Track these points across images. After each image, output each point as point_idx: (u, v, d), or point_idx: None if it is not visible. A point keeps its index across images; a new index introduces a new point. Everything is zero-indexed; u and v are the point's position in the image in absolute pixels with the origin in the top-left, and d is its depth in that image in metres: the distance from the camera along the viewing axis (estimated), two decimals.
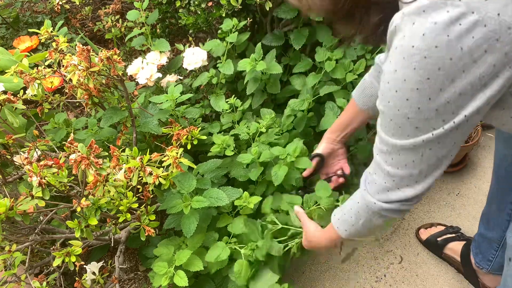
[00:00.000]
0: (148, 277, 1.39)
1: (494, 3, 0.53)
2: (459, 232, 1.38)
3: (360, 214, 0.85)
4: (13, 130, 1.11)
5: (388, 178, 0.75)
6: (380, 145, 0.73)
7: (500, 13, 0.53)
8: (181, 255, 1.11)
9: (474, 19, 0.54)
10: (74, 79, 1.02)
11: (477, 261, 1.21)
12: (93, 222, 0.90)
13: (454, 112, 0.61)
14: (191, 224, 1.12)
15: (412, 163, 0.69)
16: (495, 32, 0.54)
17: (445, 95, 0.59)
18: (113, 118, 1.20)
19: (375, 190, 0.79)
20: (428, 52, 0.57)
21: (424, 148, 0.66)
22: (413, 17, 0.58)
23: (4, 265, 0.97)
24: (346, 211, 0.91)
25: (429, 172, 0.71)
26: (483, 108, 0.61)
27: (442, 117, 0.62)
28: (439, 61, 0.57)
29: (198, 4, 1.55)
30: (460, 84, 0.58)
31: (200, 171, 1.27)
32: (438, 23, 0.55)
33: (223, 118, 1.48)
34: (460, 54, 0.56)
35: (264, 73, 1.47)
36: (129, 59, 2.03)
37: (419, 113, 0.62)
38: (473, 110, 0.61)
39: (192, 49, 1.48)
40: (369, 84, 1.10)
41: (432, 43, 0.56)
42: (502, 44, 0.54)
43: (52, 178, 0.84)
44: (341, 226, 0.92)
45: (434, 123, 0.63)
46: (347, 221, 0.90)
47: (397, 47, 0.61)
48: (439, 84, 0.59)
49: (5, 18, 2.01)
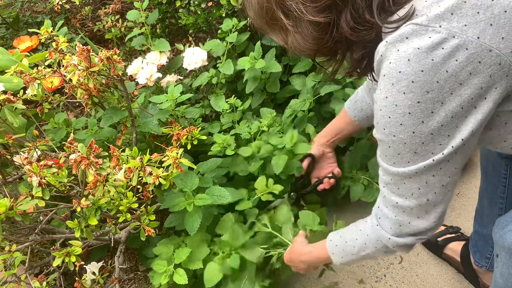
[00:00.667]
0: (148, 277, 1.39)
1: (473, 28, 0.56)
2: (459, 232, 1.38)
3: (367, 246, 0.84)
4: (13, 130, 1.11)
5: (398, 211, 0.74)
6: (384, 176, 0.74)
7: (480, 37, 0.56)
8: (181, 253, 1.11)
9: (455, 43, 0.56)
10: (74, 79, 1.02)
11: (476, 260, 1.21)
12: (93, 222, 0.90)
13: (450, 135, 0.63)
14: (194, 221, 1.12)
15: (418, 191, 0.69)
16: (477, 54, 0.56)
17: (437, 118, 0.61)
18: (113, 118, 1.20)
19: (388, 225, 0.78)
20: (415, 76, 0.59)
21: (427, 175, 0.67)
22: (396, 45, 0.60)
23: (4, 265, 0.97)
24: (349, 240, 0.89)
25: (437, 201, 0.71)
26: (477, 131, 0.63)
27: (438, 141, 0.63)
28: (426, 84, 0.59)
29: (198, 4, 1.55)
30: (450, 106, 0.60)
31: (201, 170, 1.27)
32: (421, 48, 0.58)
33: (223, 118, 1.48)
34: (446, 77, 0.58)
35: (263, 72, 1.47)
36: (129, 59, 2.03)
37: (415, 137, 0.64)
38: (468, 133, 0.62)
39: (192, 49, 1.48)
40: (361, 98, 1.13)
41: (418, 68, 0.58)
42: (485, 66, 0.57)
43: (52, 178, 0.84)
44: (337, 253, 0.91)
45: (432, 147, 0.64)
46: (346, 250, 0.89)
47: (385, 74, 0.62)
48: (430, 107, 0.60)
49: (5, 18, 2.01)
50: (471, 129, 0.62)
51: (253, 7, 0.74)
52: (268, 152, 1.28)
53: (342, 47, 0.73)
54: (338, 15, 0.67)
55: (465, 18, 0.56)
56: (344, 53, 0.75)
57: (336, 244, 0.92)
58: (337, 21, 0.67)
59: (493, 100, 0.60)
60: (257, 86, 1.49)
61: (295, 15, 0.69)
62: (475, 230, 1.20)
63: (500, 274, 0.83)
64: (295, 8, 0.67)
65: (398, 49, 0.60)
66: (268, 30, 0.77)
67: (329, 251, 0.93)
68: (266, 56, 1.47)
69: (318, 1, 0.66)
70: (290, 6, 0.68)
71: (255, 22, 0.77)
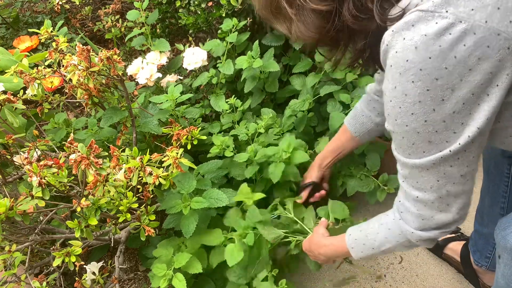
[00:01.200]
0: (148, 277, 1.39)
1: (480, 12, 0.55)
2: (459, 232, 1.38)
3: (388, 240, 0.83)
4: (13, 130, 1.11)
5: (419, 205, 0.74)
6: (402, 170, 0.73)
7: (488, 21, 0.55)
8: (180, 258, 1.11)
9: (463, 28, 0.55)
10: (74, 79, 1.02)
11: (476, 259, 1.21)
12: (93, 222, 0.90)
13: (463, 123, 0.62)
14: (190, 224, 1.12)
15: (437, 183, 0.69)
16: (485, 39, 0.55)
17: (448, 105, 0.60)
18: (113, 118, 1.20)
19: (410, 219, 0.77)
20: (423, 64, 0.58)
21: (444, 166, 0.66)
22: (402, 33, 0.59)
23: (4, 265, 0.97)
24: (369, 234, 0.88)
25: (457, 192, 0.70)
26: (491, 118, 0.62)
27: (452, 129, 0.62)
28: (435, 71, 0.58)
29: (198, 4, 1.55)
30: (460, 93, 0.59)
31: (201, 171, 1.27)
32: (428, 35, 0.57)
33: (223, 118, 1.48)
34: (455, 62, 0.57)
35: (262, 71, 1.47)
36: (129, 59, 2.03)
37: (427, 125, 0.63)
38: (483, 122, 0.61)
39: (192, 49, 1.48)
40: (360, 112, 1.12)
41: (426, 55, 0.58)
42: (493, 50, 0.56)
43: (52, 178, 0.84)
44: (357, 247, 0.90)
45: (446, 135, 0.63)
46: (367, 244, 0.88)
47: (392, 64, 0.62)
48: (440, 94, 0.59)
49: (5, 18, 2.01)
50: (486, 117, 0.61)
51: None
52: (265, 157, 1.26)
53: (344, 36, 0.73)
54: (341, 3, 0.66)
55: (472, 2, 0.55)
56: (346, 42, 0.75)
57: (356, 239, 0.91)
58: (339, 9, 0.67)
59: (505, 87, 0.59)
60: (256, 85, 1.48)
61: (298, 4, 0.69)
62: (475, 230, 1.20)
63: (502, 275, 0.83)
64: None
65: (404, 37, 0.59)
66: (272, 19, 0.77)
67: (348, 246, 0.92)
68: (265, 56, 1.47)
69: None
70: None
71: (260, 12, 0.78)
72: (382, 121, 1.08)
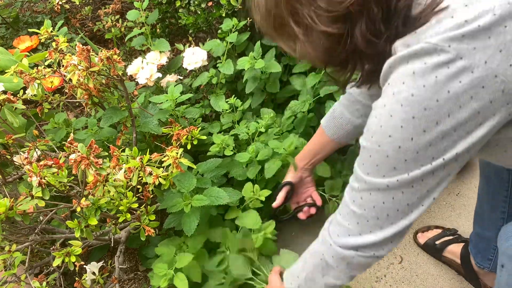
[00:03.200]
0: (148, 277, 1.39)
1: (481, 53, 0.55)
2: (457, 234, 1.38)
3: (308, 262, 0.82)
4: (13, 130, 1.11)
5: (353, 220, 0.72)
6: (353, 182, 0.72)
7: (487, 61, 0.55)
8: (182, 259, 1.11)
9: (462, 65, 0.56)
10: (74, 79, 1.02)
11: (478, 261, 1.21)
12: (93, 222, 0.90)
13: (434, 157, 0.61)
14: (191, 222, 1.12)
15: (382, 205, 0.67)
16: (482, 79, 0.55)
17: (427, 137, 0.60)
18: (113, 118, 1.20)
19: (336, 231, 0.76)
20: (416, 90, 0.58)
21: (396, 191, 0.65)
22: (406, 59, 0.60)
23: (4, 265, 0.97)
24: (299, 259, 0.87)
25: (396, 219, 0.68)
26: (462, 156, 0.61)
27: (420, 161, 0.62)
28: (425, 101, 0.58)
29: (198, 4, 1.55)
30: (444, 127, 0.59)
31: (200, 170, 1.27)
32: (428, 64, 0.57)
33: (223, 118, 1.48)
34: (447, 97, 0.57)
35: (263, 72, 1.47)
36: (129, 59, 2.03)
37: (399, 152, 0.62)
38: (452, 157, 0.61)
39: (192, 49, 1.48)
40: (339, 114, 1.09)
41: (421, 82, 0.58)
42: (487, 91, 0.56)
43: (52, 178, 0.84)
44: (288, 277, 0.89)
45: (413, 166, 0.62)
46: (294, 271, 0.87)
47: (389, 83, 0.62)
48: (424, 125, 0.59)
49: (5, 18, 2.01)
50: (456, 152, 0.60)
51: (260, 11, 0.71)
52: (266, 156, 1.27)
53: (354, 58, 0.71)
54: (353, 26, 0.64)
55: (475, 42, 0.55)
56: (355, 64, 0.73)
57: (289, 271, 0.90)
58: (351, 32, 0.65)
59: (488, 126, 0.59)
60: (257, 86, 1.49)
61: (306, 24, 0.66)
62: (476, 232, 1.19)
63: (507, 284, 0.82)
64: (307, 17, 0.65)
65: (407, 61, 0.60)
66: (275, 36, 0.74)
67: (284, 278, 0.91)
68: (266, 56, 1.47)
69: (332, 10, 0.63)
70: (302, 14, 0.65)
71: (261, 27, 0.74)
72: (363, 123, 1.04)
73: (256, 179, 1.33)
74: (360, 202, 0.70)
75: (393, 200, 0.66)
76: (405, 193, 0.65)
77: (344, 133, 1.10)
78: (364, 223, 0.70)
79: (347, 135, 1.10)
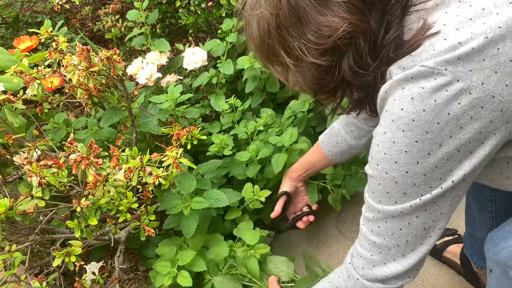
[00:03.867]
0: (148, 277, 1.39)
1: (477, 74, 0.56)
2: (457, 234, 1.38)
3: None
4: (13, 130, 1.11)
5: (375, 250, 0.72)
6: (367, 213, 0.72)
7: (484, 83, 0.56)
8: (185, 256, 1.11)
9: (459, 87, 0.57)
10: (74, 79, 1.02)
11: (475, 262, 1.21)
12: (93, 222, 0.90)
13: (442, 178, 0.62)
14: (190, 225, 1.12)
15: (399, 231, 0.68)
16: (480, 100, 0.57)
17: (432, 159, 0.61)
18: (113, 118, 1.20)
19: (360, 265, 0.75)
20: (416, 115, 0.59)
21: (411, 216, 0.66)
22: (402, 83, 0.60)
23: (4, 265, 0.97)
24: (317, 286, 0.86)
25: (416, 245, 0.69)
26: (469, 176, 0.62)
27: (429, 183, 0.63)
28: (426, 125, 0.59)
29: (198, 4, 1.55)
30: (448, 149, 0.60)
31: (201, 171, 1.27)
32: (425, 88, 0.58)
33: (223, 118, 1.48)
34: (447, 119, 0.58)
35: (263, 71, 1.47)
36: (129, 59, 2.03)
37: (407, 177, 0.63)
38: (460, 177, 0.62)
39: (192, 49, 1.48)
40: (337, 132, 1.11)
41: (420, 107, 0.58)
42: (486, 111, 0.57)
43: (52, 178, 0.84)
44: None
45: (422, 189, 0.63)
46: None
47: (387, 110, 0.63)
48: (427, 148, 0.60)
49: (5, 18, 2.01)
50: (463, 173, 0.61)
51: (254, 41, 0.74)
52: (266, 155, 1.27)
53: (342, 87, 0.73)
54: (340, 58, 0.66)
55: (470, 64, 0.56)
56: (344, 92, 0.75)
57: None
58: (339, 64, 0.67)
59: (490, 145, 0.60)
60: (256, 85, 1.49)
61: (296, 55, 0.68)
62: (470, 233, 1.19)
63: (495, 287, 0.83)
64: (297, 48, 0.67)
65: (403, 87, 0.60)
66: (268, 64, 0.77)
67: None
68: None
69: (321, 43, 0.65)
70: (293, 46, 0.67)
71: (256, 55, 0.77)
72: (356, 145, 1.08)
73: (257, 178, 1.33)
74: (378, 231, 0.70)
75: (409, 226, 0.67)
76: (419, 217, 0.66)
77: (338, 151, 1.12)
78: (386, 252, 0.71)
79: (341, 154, 1.13)
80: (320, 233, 1.51)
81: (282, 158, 1.25)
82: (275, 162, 1.25)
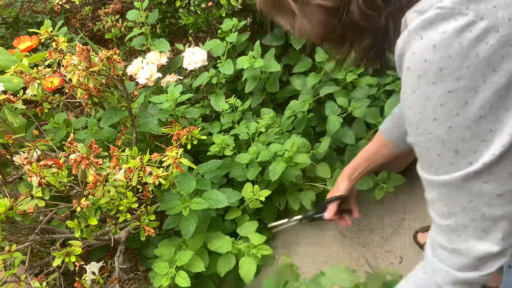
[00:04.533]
0: (148, 277, 1.39)
1: (503, 10, 0.52)
2: None
3: None
4: (13, 130, 1.11)
5: (453, 236, 0.64)
6: (429, 194, 0.65)
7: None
8: (183, 256, 1.11)
9: (485, 25, 0.52)
10: (74, 79, 1.02)
11: None
12: (93, 222, 0.90)
13: (492, 130, 0.55)
14: (190, 225, 1.11)
15: (470, 204, 0.60)
16: (509, 37, 0.52)
17: (472, 108, 0.55)
18: (113, 118, 1.20)
19: (446, 256, 0.67)
20: (443, 63, 0.54)
21: (477, 183, 0.58)
22: (419, 32, 0.55)
23: (4, 265, 0.97)
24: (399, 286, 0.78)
25: (494, 215, 0.60)
26: None
27: (480, 137, 0.56)
28: (456, 71, 0.54)
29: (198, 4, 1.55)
30: (485, 95, 0.54)
31: (200, 171, 1.27)
32: (447, 32, 0.53)
33: (223, 118, 1.48)
34: (477, 62, 0.53)
35: (263, 71, 1.47)
36: (129, 59, 2.03)
37: (452, 132, 0.57)
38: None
39: (192, 49, 1.48)
40: (398, 114, 1.04)
41: (445, 53, 0.53)
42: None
43: (52, 178, 0.84)
44: None
45: (474, 144, 0.56)
46: None
47: (409, 67, 0.57)
48: (463, 97, 0.54)
49: (5, 18, 2.01)
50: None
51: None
52: (267, 157, 1.26)
53: (350, 34, 0.68)
54: None
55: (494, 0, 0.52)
56: (352, 40, 0.70)
57: None
58: (347, 5, 0.62)
59: None
60: (256, 85, 1.49)
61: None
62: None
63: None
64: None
65: (422, 36, 0.55)
66: (274, 13, 0.73)
67: None
68: (266, 56, 1.47)
69: None
70: None
71: (261, 5, 0.74)
72: None
73: (257, 180, 1.33)
74: (447, 211, 0.63)
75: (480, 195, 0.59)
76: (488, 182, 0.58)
77: (402, 133, 1.04)
78: (465, 232, 0.63)
79: (403, 135, 1.04)
80: (320, 233, 1.51)
81: (280, 167, 1.22)
82: (272, 170, 1.23)
